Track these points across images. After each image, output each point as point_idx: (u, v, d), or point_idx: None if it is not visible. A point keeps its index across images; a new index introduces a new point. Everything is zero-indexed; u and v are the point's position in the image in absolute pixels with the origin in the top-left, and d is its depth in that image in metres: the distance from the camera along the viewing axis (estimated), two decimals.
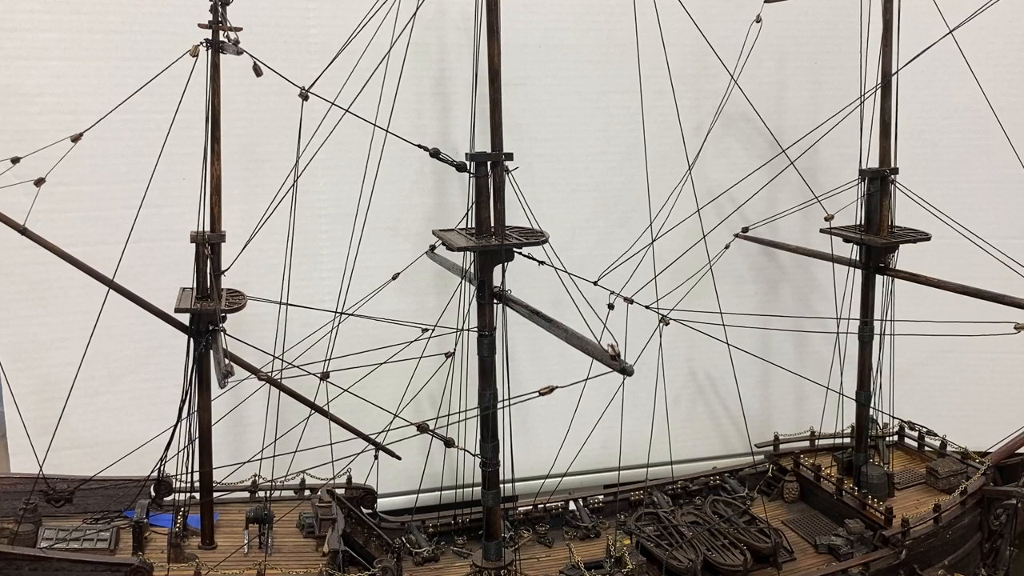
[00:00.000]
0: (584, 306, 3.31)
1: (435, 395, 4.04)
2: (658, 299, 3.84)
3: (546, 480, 3.99)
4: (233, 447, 3.95)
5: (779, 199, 4.63)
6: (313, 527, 3.67)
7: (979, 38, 4.21)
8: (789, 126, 4.47)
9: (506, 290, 3.51)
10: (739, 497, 4.32)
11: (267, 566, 3.32)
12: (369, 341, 4.01)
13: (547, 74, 4.48)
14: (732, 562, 3.68)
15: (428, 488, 4.10)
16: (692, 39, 3.92)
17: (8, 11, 3.75)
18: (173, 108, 3.10)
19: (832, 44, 4.86)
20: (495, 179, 3.46)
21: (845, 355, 4.31)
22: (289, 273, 3.58)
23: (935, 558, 3.99)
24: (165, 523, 3.56)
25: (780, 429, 4.70)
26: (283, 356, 3.65)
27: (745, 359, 4.17)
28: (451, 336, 3.87)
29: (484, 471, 3.59)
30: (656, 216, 4.01)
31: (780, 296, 5.09)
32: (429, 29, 4.14)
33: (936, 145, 5.03)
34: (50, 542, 3.32)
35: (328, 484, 3.82)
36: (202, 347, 3.37)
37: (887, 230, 4.17)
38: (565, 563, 3.78)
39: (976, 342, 3.90)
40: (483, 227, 3.48)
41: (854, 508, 4.14)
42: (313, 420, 3.66)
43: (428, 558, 3.77)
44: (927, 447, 4.75)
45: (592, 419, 3.83)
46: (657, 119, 4.11)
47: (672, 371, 4.26)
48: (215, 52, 2.89)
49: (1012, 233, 4.34)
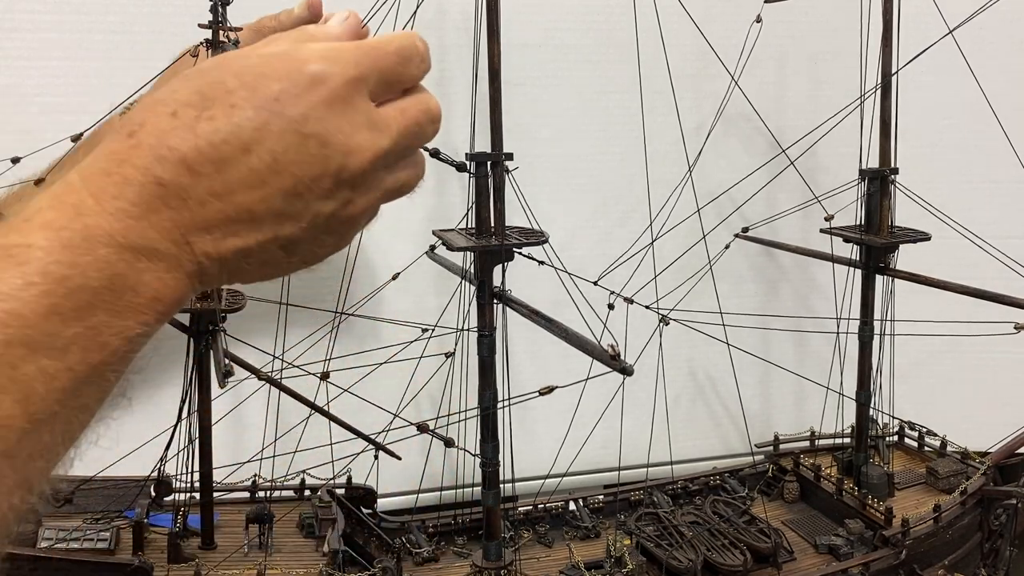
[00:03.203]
0: (584, 306, 3.31)
1: (435, 395, 4.04)
2: (658, 299, 3.84)
3: (546, 480, 3.99)
4: (233, 447, 3.95)
5: (779, 199, 4.63)
6: (313, 527, 3.67)
7: (979, 38, 4.21)
8: (789, 126, 4.47)
9: (506, 290, 3.51)
10: (739, 497, 4.32)
11: (267, 566, 3.33)
12: (369, 341, 4.01)
13: (547, 74, 4.47)
14: (732, 562, 3.68)
15: (428, 488, 4.10)
16: (692, 39, 3.92)
17: (8, 11, 3.75)
18: None
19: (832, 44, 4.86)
20: (495, 179, 3.46)
21: (845, 355, 4.31)
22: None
23: (935, 558, 3.99)
24: (165, 523, 3.56)
25: (780, 429, 4.70)
26: (283, 356, 3.65)
27: (745, 359, 4.17)
28: (451, 336, 3.87)
29: (484, 471, 3.59)
30: (656, 216, 4.01)
31: (780, 296, 5.08)
32: (429, 29, 4.13)
33: (936, 145, 5.02)
34: (50, 542, 3.32)
35: (328, 484, 3.82)
36: (202, 347, 3.37)
37: (887, 230, 4.17)
38: (565, 563, 3.78)
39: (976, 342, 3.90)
40: (483, 227, 3.48)
41: (854, 508, 4.14)
42: (313, 420, 3.65)
43: (428, 558, 3.77)
44: (927, 447, 4.74)
45: (592, 419, 3.83)
46: (657, 119, 4.11)
47: (672, 371, 4.25)
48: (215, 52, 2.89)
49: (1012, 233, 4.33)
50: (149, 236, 0.93)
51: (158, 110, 0.98)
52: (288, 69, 1.00)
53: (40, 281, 0.86)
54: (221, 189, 0.96)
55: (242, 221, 0.98)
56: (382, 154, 1.06)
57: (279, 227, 1.01)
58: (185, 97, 0.98)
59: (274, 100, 0.98)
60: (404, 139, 1.08)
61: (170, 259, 0.94)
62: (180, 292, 0.97)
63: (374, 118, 1.05)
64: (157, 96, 1.01)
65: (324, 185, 1.01)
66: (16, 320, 0.84)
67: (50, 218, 0.90)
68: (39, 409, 0.85)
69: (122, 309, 0.91)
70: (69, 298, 0.87)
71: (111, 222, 0.91)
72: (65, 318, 0.87)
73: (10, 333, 0.83)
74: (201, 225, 0.96)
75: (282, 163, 0.98)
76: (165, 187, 0.94)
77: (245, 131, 0.97)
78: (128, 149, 0.95)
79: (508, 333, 3.59)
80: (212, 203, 0.96)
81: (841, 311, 4.23)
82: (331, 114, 1.01)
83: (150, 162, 0.94)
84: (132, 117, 1.00)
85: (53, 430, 0.88)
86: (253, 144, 0.97)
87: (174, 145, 0.95)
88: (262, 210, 0.99)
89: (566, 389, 3.19)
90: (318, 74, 1.00)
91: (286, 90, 0.99)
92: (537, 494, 4.12)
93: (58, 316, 0.86)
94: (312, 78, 1.00)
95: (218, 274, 1.00)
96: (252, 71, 1.00)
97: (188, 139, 0.95)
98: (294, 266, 1.08)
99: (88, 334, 0.88)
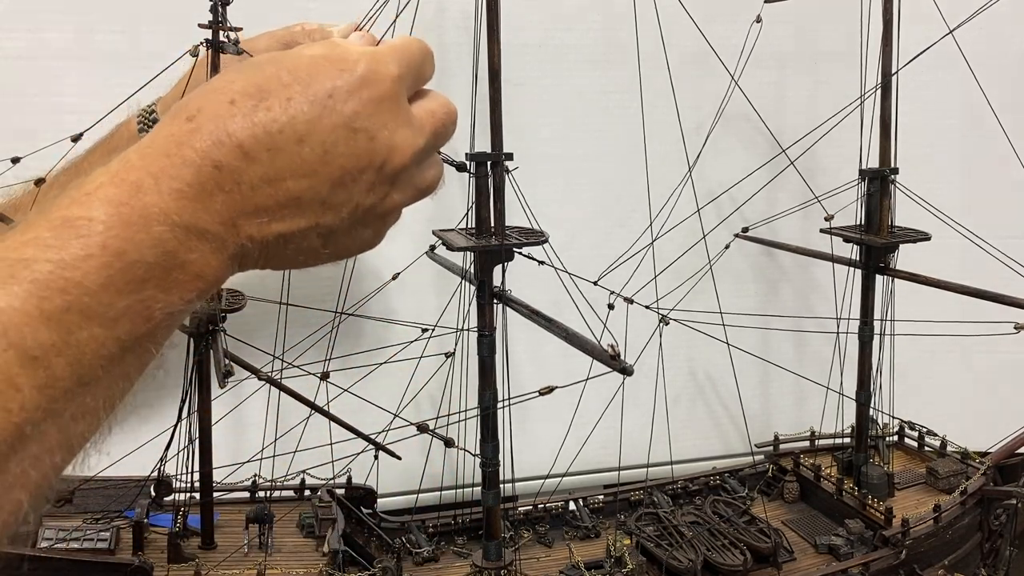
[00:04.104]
0: (584, 306, 3.30)
1: (435, 395, 4.04)
2: (658, 299, 3.84)
3: (546, 480, 3.99)
4: (233, 447, 3.95)
5: (779, 199, 4.63)
6: (313, 527, 3.67)
7: (979, 38, 4.21)
8: (789, 126, 4.47)
9: (506, 290, 3.51)
10: (739, 497, 4.32)
11: (267, 566, 3.33)
12: (369, 341, 4.01)
13: (547, 74, 4.48)
14: (732, 562, 3.68)
15: (428, 488, 4.10)
16: (692, 39, 3.92)
17: (8, 11, 3.75)
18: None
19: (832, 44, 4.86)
20: (495, 179, 3.45)
21: (845, 355, 4.31)
22: (289, 273, 3.57)
23: (935, 558, 3.99)
24: (165, 523, 3.56)
25: (780, 429, 4.70)
26: (283, 356, 3.65)
27: (745, 359, 4.17)
28: (451, 336, 3.87)
29: (484, 471, 3.59)
30: (656, 216, 4.01)
31: (780, 296, 5.09)
32: (429, 29, 4.13)
33: (936, 145, 5.02)
34: (50, 542, 3.32)
35: (328, 484, 3.82)
36: (202, 347, 3.37)
37: (887, 230, 4.17)
38: (565, 563, 3.78)
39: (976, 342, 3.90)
40: (483, 227, 3.48)
41: (854, 508, 4.14)
42: (313, 420, 3.65)
43: (428, 558, 3.77)
44: (927, 447, 4.74)
45: (592, 419, 3.83)
46: (657, 119, 4.11)
47: (672, 371, 4.26)
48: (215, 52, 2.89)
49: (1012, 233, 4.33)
50: (202, 217, 0.98)
51: (217, 97, 1.03)
52: (340, 68, 1.08)
53: (99, 253, 0.90)
54: (273, 175, 1.02)
55: (289, 207, 1.04)
56: (420, 151, 1.15)
57: (322, 215, 1.07)
58: (242, 87, 1.04)
59: (328, 96, 1.05)
60: (434, 139, 1.20)
61: (217, 240, 1.00)
62: (222, 272, 1.03)
63: (411, 118, 1.14)
64: (214, 84, 1.07)
65: (368, 178, 1.09)
66: (76, 288, 0.88)
67: (111, 194, 0.95)
68: (87, 373, 0.90)
69: (170, 285, 0.96)
70: (125, 272, 0.92)
71: (168, 201, 0.96)
72: (120, 290, 0.92)
73: (69, 300, 0.88)
74: (251, 209, 1.01)
75: (332, 155, 1.05)
76: (221, 170, 0.99)
77: (300, 123, 1.03)
78: (187, 132, 1.00)
79: (508, 333, 3.59)
80: (263, 188, 1.02)
81: (841, 311, 4.23)
82: (379, 111, 1.09)
83: (209, 146, 0.99)
84: (188, 103, 1.05)
85: (96, 394, 0.93)
86: (307, 135, 1.03)
87: (233, 131, 1.00)
88: (309, 198, 1.05)
89: (566, 389, 3.19)
90: (368, 74, 1.08)
91: (339, 87, 1.06)
92: (537, 494, 4.12)
93: (114, 287, 0.92)
94: (363, 78, 1.08)
95: (257, 258, 1.06)
96: (306, 68, 1.07)
97: (246, 126, 1.01)
98: (327, 257, 1.15)
99: (137, 307, 0.94)
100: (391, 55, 1.12)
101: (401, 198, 1.17)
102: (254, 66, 1.08)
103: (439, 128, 1.21)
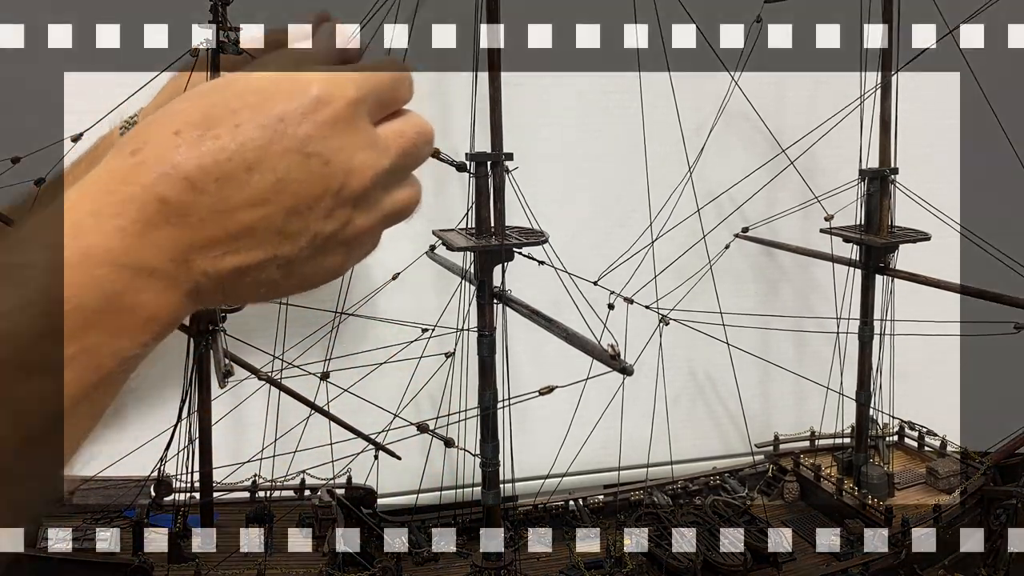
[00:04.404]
0: (584, 306, 3.30)
1: (435, 395, 4.04)
2: (658, 299, 3.84)
3: (546, 480, 3.99)
4: (233, 447, 3.95)
5: (779, 199, 4.63)
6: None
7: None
8: (789, 126, 4.47)
9: (506, 290, 3.51)
10: (739, 497, 4.32)
11: (267, 566, 3.33)
12: (369, 341, 4.01)
13: (547, 74, 4.47)
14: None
15: (428, 488, 4.10)
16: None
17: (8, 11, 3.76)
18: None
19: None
20: (495, 179, 3.46)
21: (845, 355, 4.31)
22: None
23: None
24: (165, 523, 3.56)
25: (780, 429, 4.70)
26: (283, 356, 3.65)
27: (745, 359, 4.17)
28: (451, 336, 3.87)
29: (484, 471, 3.59)
30: (656, 216, 4.01)
31: (780, 296, 5.08)
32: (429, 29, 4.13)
33: (936, 145, 5.02)
34: (50, 542, 3.32)
35: (328, 484, 3.82)
36: (202, 347, 3.37)
37: (887, 230, 4.17)
38: (565, 563, 3.78)
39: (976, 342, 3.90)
40: (483, 227, 3.48)
41: (854, 508, 4.14)
42: (313, 420, 3.66)
43: (428, 558, 3.77)
44: (927, 447, 4.74)
45: (592, 419, 3.83)
46: (657, 119, 4.11)
47: (672, 371, 4.26)
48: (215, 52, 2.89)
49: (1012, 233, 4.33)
50: (148, 254, 0.93)
51: (161, 129, 0.99)
52: (292, 91, 1.02)
53: (38, 300, 0.86)
54: (223, 206, 0.97)
55: (242, 239, 0.99)
56: (383, 173, 1.08)
57: (278, 246, 1.01)
58: (188, 116, 0.99)
59: (279, 120, 1.00)
60: (402, 159, 1.11)
61: (168, 278, 0.95)
62: (177, 311, 0.97)
63: (374, 139, 1.07)
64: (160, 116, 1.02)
65: (326, 204, 1.03)
66: (12, 340, 0.84)
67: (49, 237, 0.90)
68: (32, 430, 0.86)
69: (118, 330, 0.91)
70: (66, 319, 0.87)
71: (111, 241, 0.91)
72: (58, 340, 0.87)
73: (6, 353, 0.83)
74: (201, 242, 0.97)
75: (284, 182, 0.99)
76: (167, 204, 0.94)
77: (249, 150, 0.98)
78: (131, 167, 0.96)
79: (508, 333, 3.59)
80: (213, 220, 0.97)
81: (841, 311, 4.23)
82: (333, 134, 1.03)
83: (153, 180, 0.94)
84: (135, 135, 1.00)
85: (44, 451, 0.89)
86: (256, 163, 0.98)
87: (178, 163, 0.95)
88: (263, 228, 0.99)
89: (566, 389, 3.19)
90: (322, 95, 1.03)
91: (290, 111, 1.01)
92: (537, 494, 4.12)
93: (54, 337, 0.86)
94: (317, 99, 1.02)
95: (214, 293, 1.01)
96: (256, 92, 1.02)
97: (192, 157, 0.96)
98: (290, 289, 1.09)
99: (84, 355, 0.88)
100: (349, 78, 1.07)
101: (367, 222, 1.10)
102: (201, 93, 1.04)
103: (408, 148, 1.12)
